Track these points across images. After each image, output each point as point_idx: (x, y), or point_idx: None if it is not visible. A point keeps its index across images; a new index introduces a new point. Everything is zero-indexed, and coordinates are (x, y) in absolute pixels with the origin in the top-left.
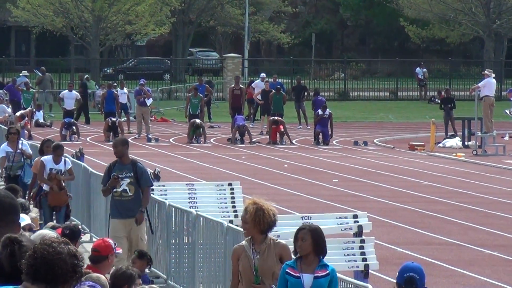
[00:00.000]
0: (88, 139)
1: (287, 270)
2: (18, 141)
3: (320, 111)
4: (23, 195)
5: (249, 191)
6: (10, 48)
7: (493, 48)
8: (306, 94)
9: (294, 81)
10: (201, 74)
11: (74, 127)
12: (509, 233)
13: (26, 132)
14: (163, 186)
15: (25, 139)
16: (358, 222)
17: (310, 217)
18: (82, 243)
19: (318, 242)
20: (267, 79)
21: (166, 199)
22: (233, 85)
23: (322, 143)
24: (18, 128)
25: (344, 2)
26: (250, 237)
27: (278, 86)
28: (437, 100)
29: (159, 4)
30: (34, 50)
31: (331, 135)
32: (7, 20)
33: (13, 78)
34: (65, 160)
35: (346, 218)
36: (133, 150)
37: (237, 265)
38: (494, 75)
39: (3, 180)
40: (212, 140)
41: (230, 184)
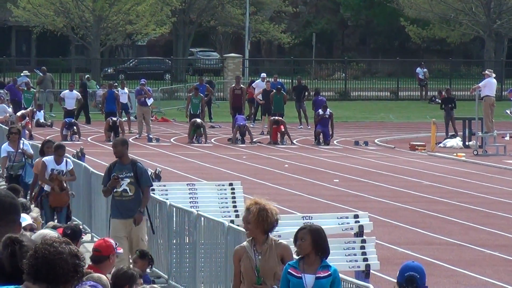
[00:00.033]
0: (89, 139)
1: (289, 270)
2: (19, 141)
3: (320, 111)
4: (24, 195)
5: (250, 191)
6: (11, 48)
7: (493, 48)
8: (306, 94)
9: (294, 81)
10: (201, 74)
11: (75, 127)
12: (510, 233)
13: (27, 132)
14: (164, 186)
15: (26, 139)
16: (359, 222)
17: (311, 217)
18: (83, 243)
19: (317, 242)
20: (268, 79)
21: (167, 199)
22: (233, 85)
23: (322, 143)
24: (19, 128)
25: (344, 2)
26: (252, 237)
27: (279, 86)
28: (437, 100)
29: (160, 4)
30: (34, 50)
31: (332, 135)
32: (8, 20)
33: (13, 78)
34: (66, 160)
35: (347, 218)
36: (134, 150)
37: (238, 266)
38: (494, 75)
39: (5, 180)
40: (212, 140)
41: (231, 184)
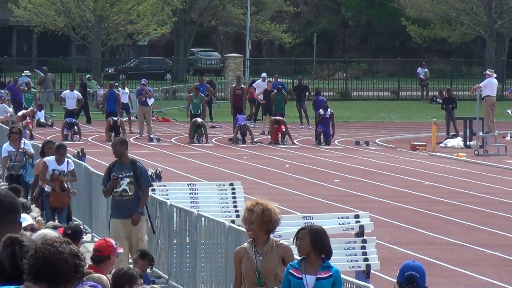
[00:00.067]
0: (89, 139)
1: (291, 271)
2: (20, 140)
3: (321, 111)
4: (25, 195)
5: (250, 191)
6: (12, 48)
7: (494, 48)
8: (307, 94)
9: (295, 81)
10: (202, 74)
11: (75, 127)
12: (510, 233)
13: (27, 132)
14: (165, 186)
15: (26, 139)
16: (359, 222)
17: (312, 217)
18: (83, 243)
19: (317, 242)
20: (269, 79)
21: (167, 199)
22: (234, 85)
23: (323, 143)
24: (20, 127)
25: (345, 2)
26: (253, 238)
27: (280, 86)
28: (438, 100)
29: (161, 3)
30: (35, 50)
31: (333, 135)
32: (9, 19)
33: (14, 78)
34: (68, 161)
35: (347, 218)
36: (134, 150)
37: (239, 267)
38: (495, 75)
39: (6, 179)
40: (213, 140)
41: (231, 184)
